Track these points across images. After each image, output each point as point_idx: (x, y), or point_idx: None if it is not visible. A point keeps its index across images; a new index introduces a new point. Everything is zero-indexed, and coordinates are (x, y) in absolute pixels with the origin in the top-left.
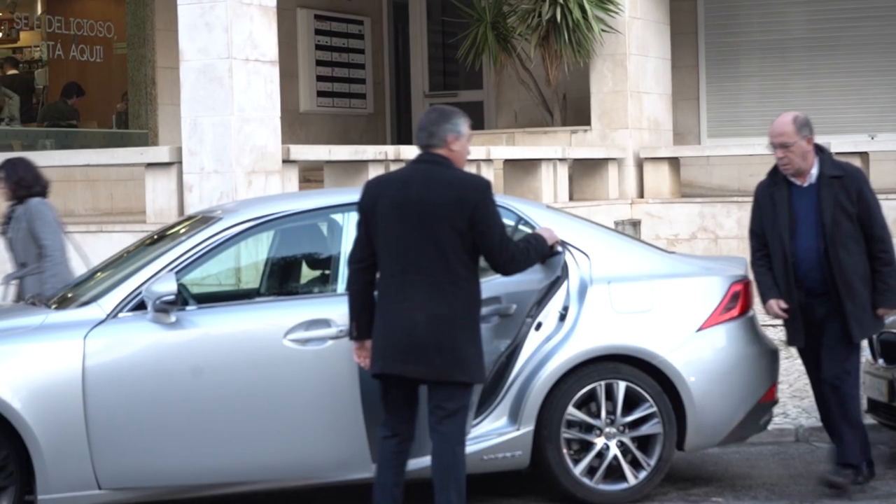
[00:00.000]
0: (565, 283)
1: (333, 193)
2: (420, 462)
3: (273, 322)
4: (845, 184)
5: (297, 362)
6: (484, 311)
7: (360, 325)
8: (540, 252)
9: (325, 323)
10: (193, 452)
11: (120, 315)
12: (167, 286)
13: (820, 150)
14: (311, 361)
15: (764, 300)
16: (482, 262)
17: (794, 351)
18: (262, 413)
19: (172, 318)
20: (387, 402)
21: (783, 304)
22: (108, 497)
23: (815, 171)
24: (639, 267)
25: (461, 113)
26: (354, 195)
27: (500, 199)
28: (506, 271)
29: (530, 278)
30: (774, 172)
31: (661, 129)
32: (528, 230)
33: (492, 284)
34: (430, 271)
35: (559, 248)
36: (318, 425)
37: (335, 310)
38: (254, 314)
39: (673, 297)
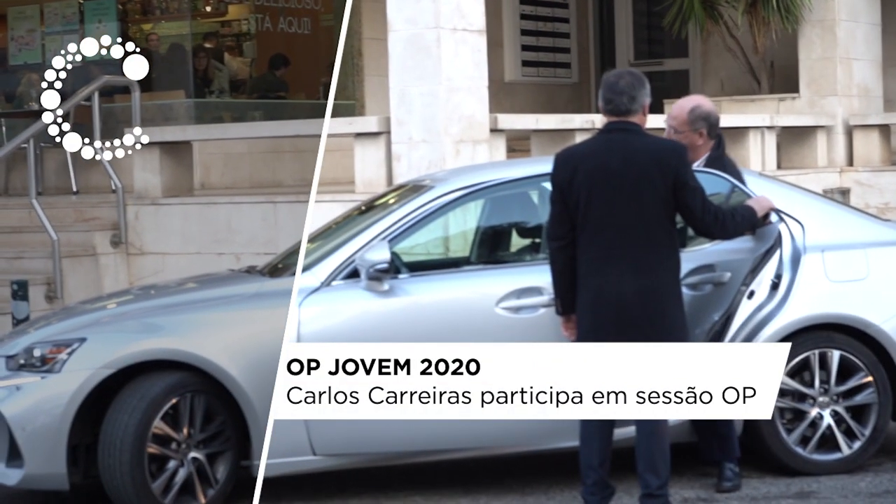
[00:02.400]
0: (778, 251)
1: (542, 162)
2: (622, 432)
3: (485, 290)
4: None
5: (509, 330)
6: (697, 278)
7: (566, 302)
8: (748, 220)
9: (536, 291)
10: (406, 420)
11: (333, 283)
12: (380, 254)
13: (717, 149)
14: (524, 329)
15: None
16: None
17: None
18: None
19: (385, 287)
20: None
21: None
22: (322, 463)
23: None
24: (853, 235)
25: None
26: None
27: None
28: (712, 234)
29: (744, 246)
30: None
31: (870, 96)
32: (742, 198)
33: (705, 252)
34: (634, 242)
35: (773, 217)
36: None
37: (546, 278)
38: (466, 282)
39: (888, 265)
